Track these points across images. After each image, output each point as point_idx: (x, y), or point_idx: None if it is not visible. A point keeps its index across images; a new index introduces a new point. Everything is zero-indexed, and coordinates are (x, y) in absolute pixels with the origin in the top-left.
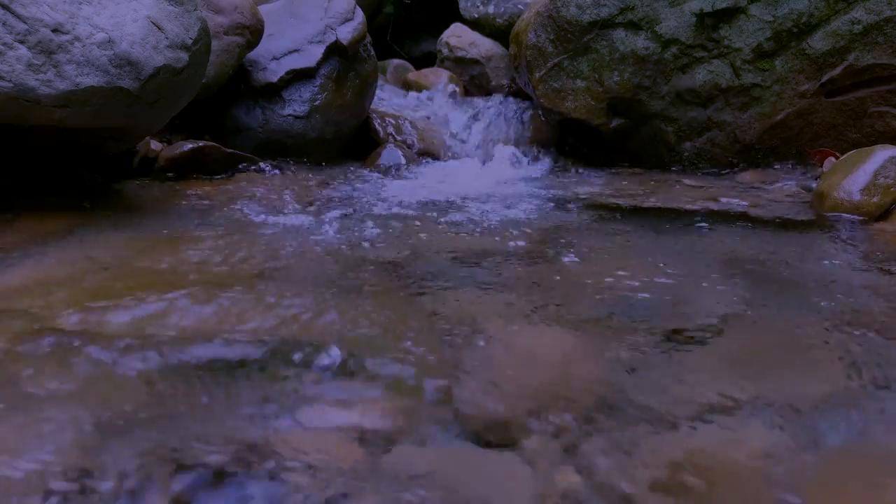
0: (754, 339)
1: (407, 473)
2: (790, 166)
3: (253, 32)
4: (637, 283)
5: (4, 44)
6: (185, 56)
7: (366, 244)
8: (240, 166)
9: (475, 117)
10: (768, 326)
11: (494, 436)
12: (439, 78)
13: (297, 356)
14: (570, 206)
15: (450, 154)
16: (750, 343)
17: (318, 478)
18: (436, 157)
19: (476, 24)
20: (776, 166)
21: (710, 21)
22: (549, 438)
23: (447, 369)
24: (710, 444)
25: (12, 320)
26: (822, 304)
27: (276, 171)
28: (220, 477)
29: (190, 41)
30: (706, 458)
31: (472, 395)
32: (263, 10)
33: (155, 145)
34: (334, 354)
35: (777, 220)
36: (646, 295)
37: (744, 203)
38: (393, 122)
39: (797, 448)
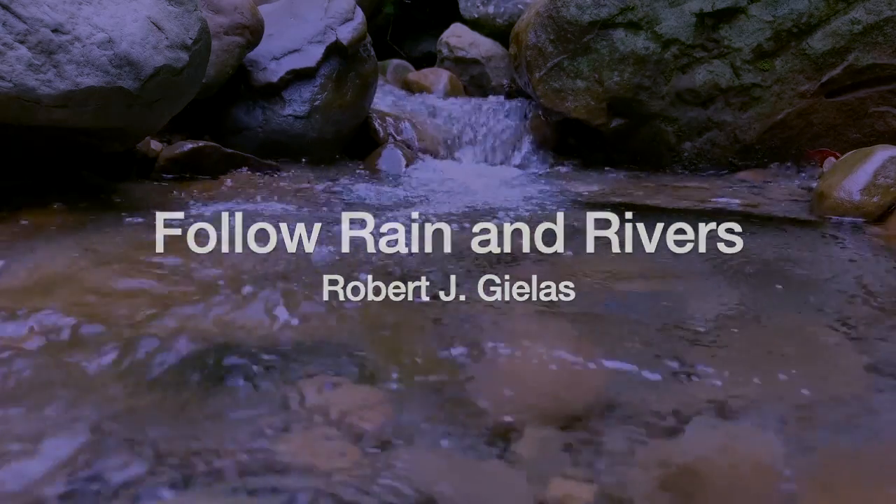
0: (754, 338)
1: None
2: (790, 166)
3: (253, 32)
4: (637, 282)
5: (4, 44)
6: (185, 56)
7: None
8: (240, 166)
9: (475, 118)
10: (768, 326)
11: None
12: (439, 78)
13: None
14: (570, 205)
15: (449, 154)
16: (750, 342)
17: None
18: (435, 157)
19: (476, 24)
20: (776, 166)
21: (710, 21)
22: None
23: (452, 362)
24: (712, 445)
25: (10, 316)
26: (823, 303)
27: (277, 171)
28: None
29: (190, 41)
30: (709, 461)
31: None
32: (263, 10)
33: (155, 145)
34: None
35: (777, 220)
36: (646, 293)
37: (744, 203)
38: (393, 121)
39: (800, 450)
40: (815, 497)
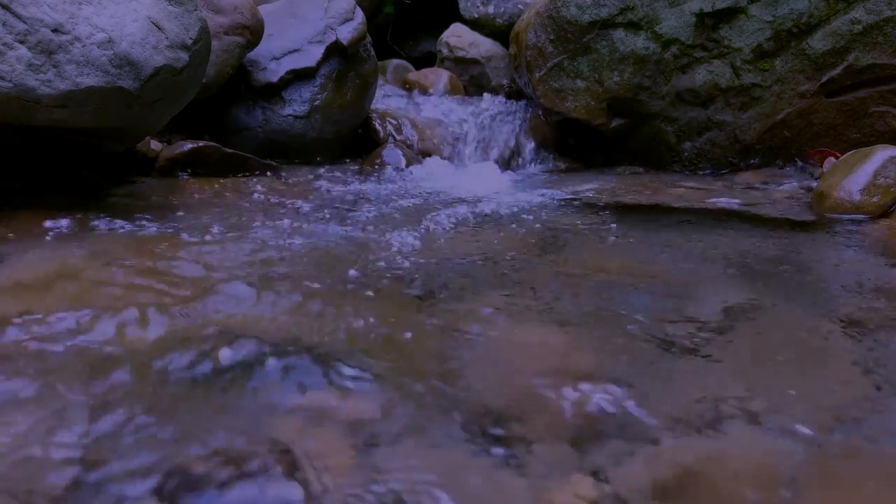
0: (755, 337)
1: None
2: (790, 166)
3: (253, 32)
4: (639, 282)
5: (4, 44)
6: (185, 56)
7: (365, 248)
8: (240, 166)
9: (475, 117)
10: (769, 326)
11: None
12: (439, 78)
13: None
14: (570, 205)
15: (450, 154)
16: (751, 341)
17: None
18: (436, 158)
19: (476, 24)
20: (776, 166)
21: (710, 21)
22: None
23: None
24: (713, 445)
25: (11, 315)
26: (822, 302)
27: (276, 171)
28: None
29: (190, 41)
30: (709, 463)
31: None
32: (263, 10)
33: (155, 145)
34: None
35: (777, 220)
36: (648, 293)
37: (744, 203)
38: (393, 121)
39: (802, 451)
40: (815, 497)
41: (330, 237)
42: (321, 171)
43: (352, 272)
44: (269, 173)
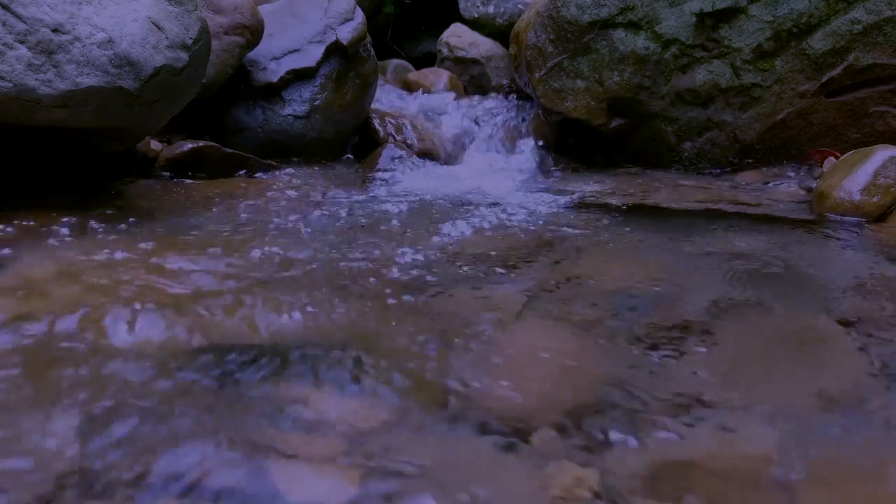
0: (755, 337)
1: None
2: (790, 166)
3: (253, 32)
4: (638, 282)
5: (4, 44)
6: (185, 56)
7: (364, 249)
8: (240, 166)
9: (475, 118)
10: (769, 326)
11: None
12: (439, 78)
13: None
14: (571, 206)
15: (450, 154)
16: (751, 341)
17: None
18: (436, 158)
19: (476, 24)
20: (776, 166)
21: (710, 21)
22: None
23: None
24: (713, 444)
25: (9, 317)
26: (823, 303)
27: (276, 171)
28: None
29: (190, 41)
30: (708, 459)
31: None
32: (263, 10)
33: (155, 145)
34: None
35: (777, 220)
36: (647, 293)
37: (744, 203)
38: (393, 122)
39: (801, 449)
40: (813, 494)
41: (330, 238)
42: (321, 171)
43: (352, 275)
44: (268, 173)
